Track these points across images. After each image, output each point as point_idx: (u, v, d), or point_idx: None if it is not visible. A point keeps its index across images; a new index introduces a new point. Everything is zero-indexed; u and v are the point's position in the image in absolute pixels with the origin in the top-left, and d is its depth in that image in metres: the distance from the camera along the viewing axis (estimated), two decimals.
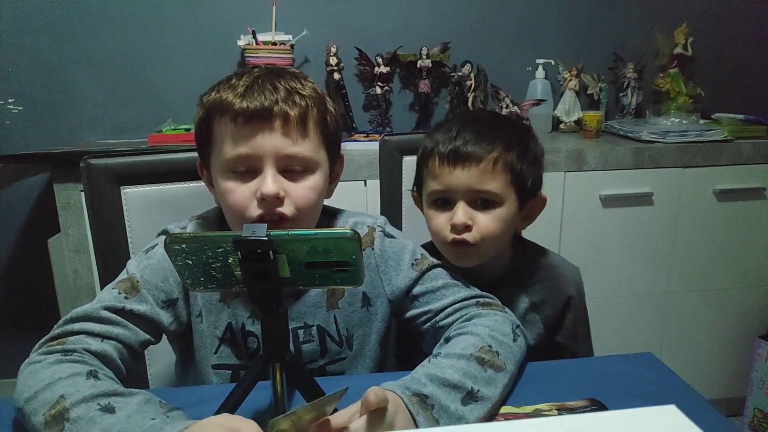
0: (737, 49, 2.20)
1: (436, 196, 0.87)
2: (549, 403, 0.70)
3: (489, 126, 0.87)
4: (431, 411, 0.64)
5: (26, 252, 1.99)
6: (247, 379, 0.64)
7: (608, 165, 1.72)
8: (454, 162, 0.84)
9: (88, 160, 0.99)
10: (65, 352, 0.69)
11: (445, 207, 0.87)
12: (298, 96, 0.78)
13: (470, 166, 0.83)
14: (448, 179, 0.84)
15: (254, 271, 0.58)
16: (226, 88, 0.79)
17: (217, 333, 0.84)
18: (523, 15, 2.08)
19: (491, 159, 0.83)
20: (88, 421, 0.59)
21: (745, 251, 1.87)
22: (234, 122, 0.76)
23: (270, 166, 0.76)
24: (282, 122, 0.76)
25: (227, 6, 1.93)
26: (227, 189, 0.78)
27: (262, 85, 0.77)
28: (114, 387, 0.64)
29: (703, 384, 1.89)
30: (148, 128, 1.88)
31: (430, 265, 0.87)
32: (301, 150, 0.78)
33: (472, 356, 0.71)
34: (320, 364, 0.86)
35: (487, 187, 0.84)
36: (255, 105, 0.75)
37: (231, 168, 0.78)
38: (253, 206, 0.77)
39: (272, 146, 0.76)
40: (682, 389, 0.74)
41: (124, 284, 0.78)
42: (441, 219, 0.87)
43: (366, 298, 0.87)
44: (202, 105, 0.82)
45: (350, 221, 0.89)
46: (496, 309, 0.84)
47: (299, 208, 0.78)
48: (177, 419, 0.61)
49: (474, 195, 0.84)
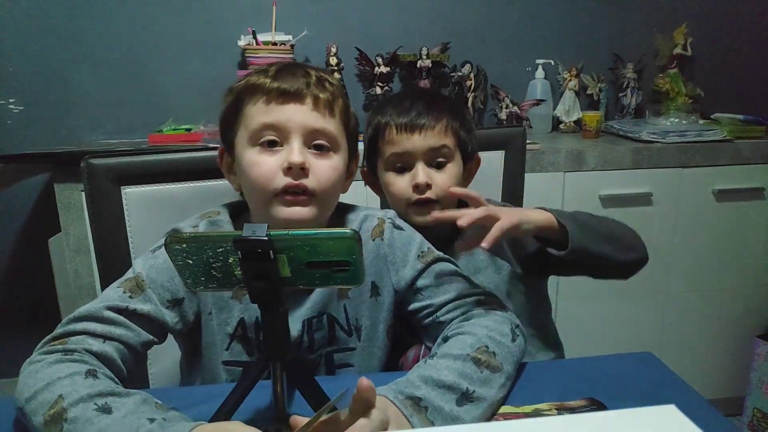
0: (737, 49, 2.20)
1: (395, 160, 0.97)
2: (549, 403, 0.70)
3: (434, 99, 0.99)
4: (425, 413, 0.64)
5: (26, 252, 1.99)
6: (247, 379, 0.64)
7: (608, 165, 1.73)
8: (412, 129, 0.94)
9: (89, 159, 0.99)
10: (66, 352, 0.69)
11: (403, 171, 0.97)
12: (328, 83, 0.82)
13: (426, 131, 0.94)
14: (407, 144, 0.95)
15: (254, 270, 0.58)
16: (258, 74, 0.81)
17: (228, 330, 0.84)
18: (523, 15, 2.08)
19: (442, 125, 0.96)
20: (85, 422, 0.59)
21: (745, 251, 1.87)
22: (266, 98, 0.79)
23: (297, 139, 0.78)
24: (312, 100, 0.79)
25: (227, 6, 1.93)
26: (253, 161, 0.79)
27: (294, 70, 0.81)
28: (112, 387, 0.65)
29: (703, 384, 1.89)
30: (149, 128, 1.88)
31: (435, 258, 0.89)
32: (328, 126, 0.80)
33: (468, 357, 0.72)
34: (327, 350, 0.87)
35: (443, 143, 0.95)
36: (287, 84, 0.78)
37: (258, 138, 0.79)
38: (278, 178, 0.78)
39: (301, 119, 0.78)
40: (682, 389, 0.74)
41: (129, 283, 0.78)
42: (402, 182, 0.96)
43: (375, 288, 0.88)
44: (232, 92, 0.84)
45: (361, 215, 0.91)
46: (497, 308, 0.84)
47: (321, 185, 0.80)
48: (175, 421, 0.61)
49: (432, 155, 0.96)
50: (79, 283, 1.57)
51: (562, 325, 1.79)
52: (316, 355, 0.87)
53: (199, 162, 1.06)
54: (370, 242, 0.88)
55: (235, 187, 0.88)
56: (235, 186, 0.88)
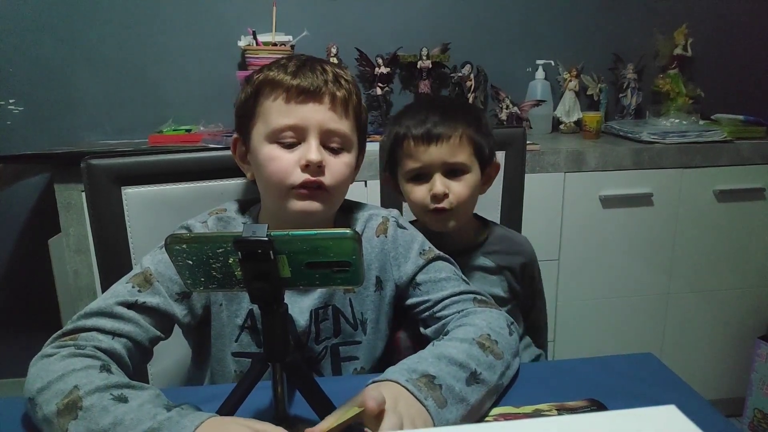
0: (737, 49, 2.20)
1: (414, 172, 1.01)
2: (549, 403, 0.70)
3: (449, 108, 1.02)
4: (440, 391, 0.65)
5: (27, 252, 1.99)
6: (247, 379, 0.64)
7: (608, 165, 1.73)
8: (428, 141, 0.97)
9: (89, 160, 0.99)
10: (78, 347, 0.70)
11: (421, 181, 1.01)
12: (343, 80, 0.84)
13: (442, 143, 0.97)
14: (424, 156, 0.98)
15: (254, 271, 0.58)
16: (278, 68, 0.83)
17: (238, 321, 0.86)
18: (523, 15, 2.08)
19: (458, 135, 0.98)
20: (101, 410, 0.59)
21: (745, 251, 1.87)
22: (286, 96, 0.81)
23: (314, 137, 0.81)
24: (330, 99, 0.82)
25: (227, 6, 1.93)
26: (271, 156, 0.82)
27: (313, 67, 0.83)
28: (126, 380, 0.65)
29: (703, 384, 1.89)
30: (149, 128, 1.88)
31: (435, 256, 0.91)
32: (342, 127, 0.83)
33: (473, 341, 0.74)
34: (333, 343, 0.89)
35: (457, 159, 0.98)
36: (307, 82, 0.81)
37: (277, 137, 0.82)
38: (296, 173, 0.81)
39: (319, 119, 0.81)
40: (682, 389, 0.74)
41: (137, 278, 0.80)
42: (420, 191, 1.00)
43: (379, 282, 0.91)
44: (251, 83, 0.85)
45: (366, 213, 0.94)
46: (492, 306, 0.86)
47: (335, 181, 0.83)
48: (191, 410, 0.61)
49: (447, 167, 0.99)
50: (79, 283, 1.57)
51: (562, 325, 1.80)
52: (322, 347, 0.88)
53: (199, 162, 1.06)
54: (374, 239, 0.91)
55: (249, 176, 0.90)
56: (248, 175, 0.90)
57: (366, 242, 0.90)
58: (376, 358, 0.92)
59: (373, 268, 0.90)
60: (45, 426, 0.62)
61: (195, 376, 0.95)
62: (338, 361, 0.89)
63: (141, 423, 0.58)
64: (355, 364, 0.90)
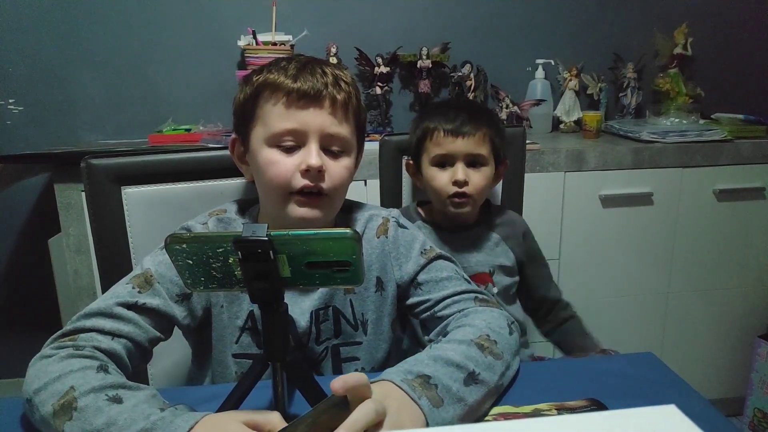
0: (737, 49, 2.20)
1: (439, 159, 1.14)
2: (549, 403, 0.70)
3: (476, 111, 1.17)
4: (436, 390, 0.65)
5: (26, 252, 1.99)
6: (247, 379, 0.64)
7: (608, 165, 1.72)
8: (456, 134, 1.12)
9: (89, 160, 0.99)
10: (76, 348, 0.70)
11: (445, 167, 1.14)
12: (343, 83, 0.84)
13: (468, 137, 1.12)
14: (451, 147, 1.12)
15: (254, 271, 0.58)
16: (278, 70, 0.83)
17: (239, 323, 0.86)
18: (523, 15, 2.08)
19: (481, 134, 1.12)
20: (95, 410, 0.60)
21: (745, 251, 1.87)
22: (286, 99, 0.80)
23: (314, 142, 0.81)
24: (330, 103, 0.82)
25: (227, 6, 1.93)
26: (271, 160, 0.81)
27: (313, 69, 0.82)
28: (123, 380, 0.65)
29: (703, 384, 1.89)
30: (149, 128, 1.88)
31: (436, 255, 0.91)
32: (342, 131, 0.83)
33: (472, 342, 0.74)
34: (333, 343, 0.89)
35: (479, 152, 1.13)
36: (307, 86, 0.80)
37: (277, 142, 0.81)
38: (296, 178, 0.81)
39: (319, 123, 0.81)
40: (682, 389, 0.74)
41: (138, 279, 0.79)
42: (443, 177, 1.13)
43: (380, 282, 0.91)
44: (251, 84, 0.84)
45: (367, 214, 0.94)
46: (492, 305, 0.86)
47: (335, 185, 0.83)
48: (185, 410, 0.61)
49: (469, 158, 1.13)
50: (79, 283, 1.57)
51: None
52: (323, 348, 0.88)
53: (199, 162, 1.06)
54: (375, 240, 0.91)
55: (248, 177, 0.90)
56: (247, 176, 0.90)
57: (366, 243, 0.90)
58: (378, 359, 0.92)
59: (373, 269, 0.90)
60: (42, 427, 0.62)
61: (195, 377, 0.95)
62: (339, 362, 0.89)
63: (134, 423, 0.58)
64: (356, 365, 0.90)
